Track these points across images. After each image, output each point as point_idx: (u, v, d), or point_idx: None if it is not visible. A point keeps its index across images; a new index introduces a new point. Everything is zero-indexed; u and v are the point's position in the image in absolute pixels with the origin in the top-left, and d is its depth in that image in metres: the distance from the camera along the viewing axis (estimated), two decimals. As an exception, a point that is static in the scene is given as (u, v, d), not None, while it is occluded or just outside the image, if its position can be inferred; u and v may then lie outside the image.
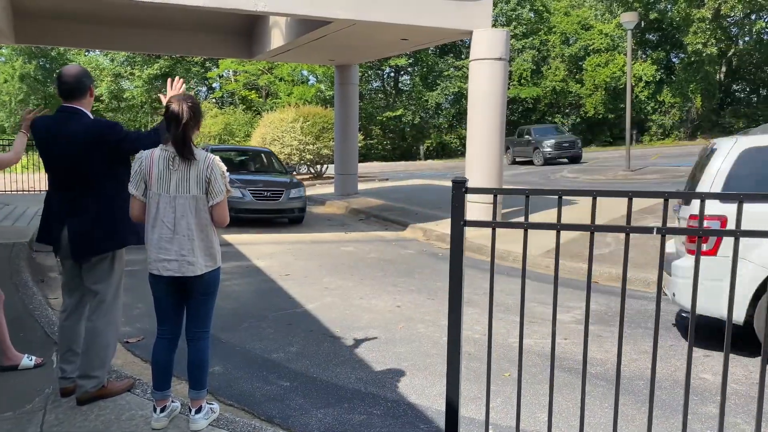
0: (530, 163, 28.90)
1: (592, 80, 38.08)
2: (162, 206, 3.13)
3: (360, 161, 24.03)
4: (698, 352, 4.90)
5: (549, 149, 27.92)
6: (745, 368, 4.55)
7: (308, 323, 5.69)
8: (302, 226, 11.85)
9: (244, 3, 8.90)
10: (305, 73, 37.51)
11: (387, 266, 8.26)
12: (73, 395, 3.58)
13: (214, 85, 42.53)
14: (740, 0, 32.76)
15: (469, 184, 8.96)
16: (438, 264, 8.50)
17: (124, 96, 38.27)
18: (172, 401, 3.44)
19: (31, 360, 4.14)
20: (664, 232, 2.31)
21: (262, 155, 13.91)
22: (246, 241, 9.93)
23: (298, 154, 21.21)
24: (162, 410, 3.33)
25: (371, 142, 37.16)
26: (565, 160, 28.11)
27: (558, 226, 2.41)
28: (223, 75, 40.30)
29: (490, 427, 3.63)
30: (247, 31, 14.43)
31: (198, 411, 3.32)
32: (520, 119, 39.90)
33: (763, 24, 36.26)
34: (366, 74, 38.97)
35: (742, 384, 4.27)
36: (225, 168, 3.22)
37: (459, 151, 37.74)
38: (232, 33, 14.41)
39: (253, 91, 38.11)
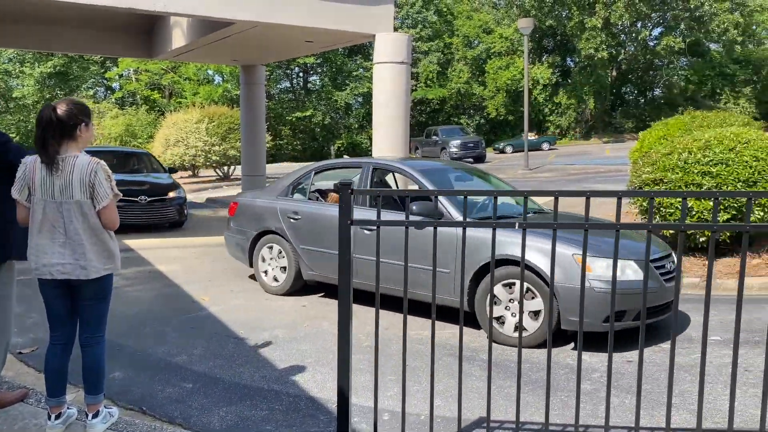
0: (438, 162, 29.77)
1: (494, 83, 39.65)
2: (49, 211, 3.12)
3: (269, 162, 23.86)
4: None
5: (455, 149, 28.90)
6: (620, 347, 5.01)
7: (213, 326, 5.71)
8: (209, 229, 11.67)
9: (142, 2, 8.69)
10: (211, 72, 36.70)
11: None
12: (-40, 408, 3.46)
13: (114, 85, 40.74)
14: (627, 10, 35.15)
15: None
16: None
17: (13, 96, 35.86)
18: (68, 408, 3.41)
19: None
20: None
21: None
22: (148, 246, 9.69)
23: (204, 156, 20.79)
24: (57, 417, 3.29)
25: (281, 142, 36.90)
26: (471, 159, 29.18)
27: (435, 224, 2.65)
28: (123, 74, 38.67)
29: (386, 413, 3.85)
30: (146, 30, 14.01)
31: (95, 416, 3.31)
32: (428, 120, 40.92)
33: (647, 33, 39.10)
34: (274, 74, 38.64)
35: (616, 362, 4.71)
36: (110, 172, 3.23)
37: (370, 151, 38.17)
38: (130, 32, 13.94)
39: (156, 91, 36.84)
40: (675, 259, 5.05)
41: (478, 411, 3.88)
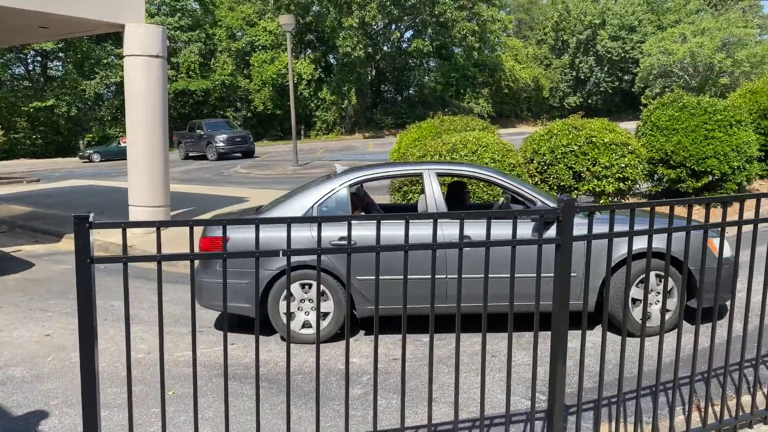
0: (204, 157, 28.56)
1: (260, 76, 39.30)
2: None
3: (1, 159, 20.70)
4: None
5: (222, 144, 27.95)
6: (391, 347, 5.24)
7: (-76, 373, 4.71)
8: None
9: None
10: None
11: (35, 287, 7.30)
12: None
13: None
14: (379, 11, 37.32)
15: (133, 187, 8.22)
16: (101, 277, 7.81)
17: None
18: None
19: None
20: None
21: None
22: None
23: None
24: None
25: (16, 136, 32.20)
26: (239, 154, 28.49)
27: (191, 256, 2.44)
28: None
29: (149, 455, 3.52)
30: None
31: None
32: (192, 112, 39.07)
33: (399, 34, 42.02)
34: (4, 57, 33.55)
35: (383, 362, 4.91)
36: None
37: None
38: None
39: None
40: None
41: (251, 435, 3.74)
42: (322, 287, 5.23)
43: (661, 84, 41.13)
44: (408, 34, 43.16)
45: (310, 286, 5.22)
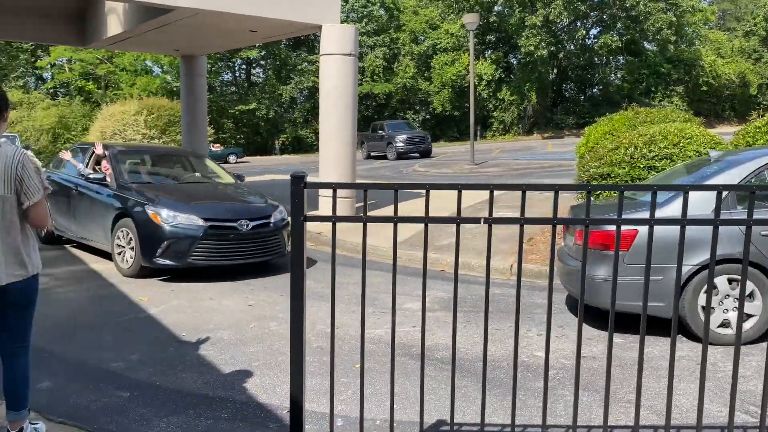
0: (384, 157, 29.64)
1: (440, 78, 39.81)
2: None
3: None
4: (532, 331, 5.29)
5: (401, 144, 28.81)
6: (573, 343, 4.98)
7: (152, 328, 5.39)
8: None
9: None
10: (149, 63, 35.46)
11: (239, 264, 8.04)
12: None
13: (45, 75, 38.82)
14: (565, 8, 35.85)
15: (323, 178, 8.73)
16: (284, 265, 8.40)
17: (-67, 84, 33.62)
18: (-12, 426, 3.06)
19: None
20: (491, 221, 2.46)
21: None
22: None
23: (143, 150, 20.02)
24: (-25, 438, 2.90)
25: (223, 136, 36.01)
26: (417, 154, 29.17)
27: (395, 219, 2.48)
28: (55, 63, 36.87)
29: (340, 419, 3.67)
30: (79, 15, 13.29)
31: (19, 434, 2.95)
32: (373, 115, 40.72)
33: (584, 31, 40.07)
34: (216, 66, 37.68)
35: (569, 359, 4.68)
36: (40, 164, 2.94)
37: (315, 146, 37.81)
38: (62, 17, 13.19)
39: (90, 82, 35.29)
40: None
41: (435, 413, 3.75)
42: (750, 285, 4.77)
43: None
44: (594, 30, 41.03)
45: (738, 282, 4.68)
